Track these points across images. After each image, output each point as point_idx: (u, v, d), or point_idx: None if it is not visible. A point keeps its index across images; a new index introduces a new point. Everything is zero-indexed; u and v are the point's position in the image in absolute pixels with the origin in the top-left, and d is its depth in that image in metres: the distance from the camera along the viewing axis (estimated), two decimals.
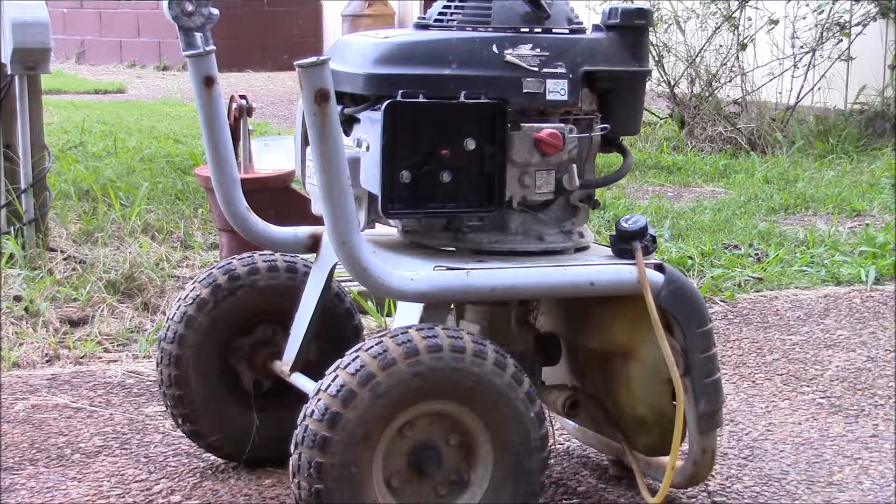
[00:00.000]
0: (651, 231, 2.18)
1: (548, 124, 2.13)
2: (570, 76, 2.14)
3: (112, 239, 4.30)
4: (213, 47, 2.22)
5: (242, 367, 2.43)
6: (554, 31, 2.17)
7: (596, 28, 2.22)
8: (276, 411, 2.43)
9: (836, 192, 5.49)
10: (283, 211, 3.22)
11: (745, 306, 3.75)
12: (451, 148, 2.07)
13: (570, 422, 2.50)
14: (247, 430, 2.42)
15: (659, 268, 2.17)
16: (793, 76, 7.02)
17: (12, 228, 4.07)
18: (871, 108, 7.00)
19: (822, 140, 6.76)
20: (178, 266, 4.10)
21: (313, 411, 1.91)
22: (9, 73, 4.03)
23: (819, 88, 7.03)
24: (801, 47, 7.00)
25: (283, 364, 2.35)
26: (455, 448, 2.02)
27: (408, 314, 2.09)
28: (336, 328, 2.46)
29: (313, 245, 2.39)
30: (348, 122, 2.18)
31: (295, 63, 1.90)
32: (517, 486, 2.02)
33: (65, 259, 3.96)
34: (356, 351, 1.95)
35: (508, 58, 2.11)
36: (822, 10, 6.89)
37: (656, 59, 7.09)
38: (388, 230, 2.28)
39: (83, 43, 13.05)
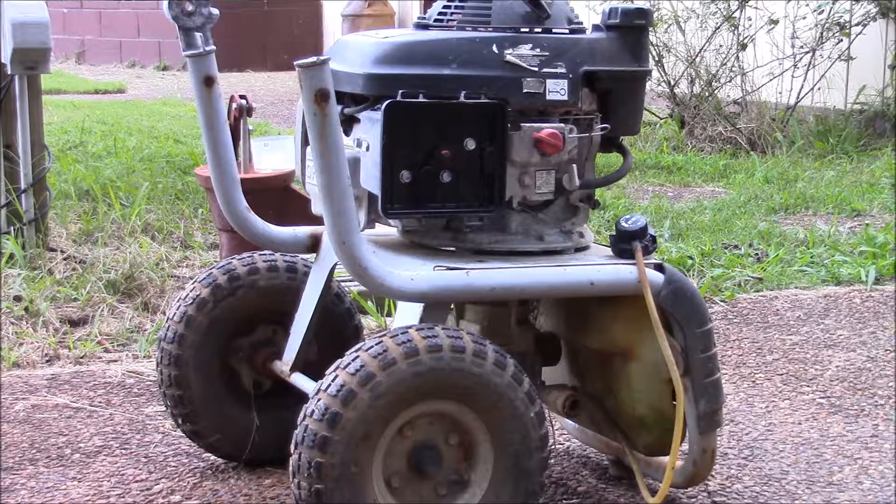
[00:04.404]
0: (651, 231, 2.18)
1: (548, 124, 2.13)
2: (570, 76, 2.14)
3: (112, 239, 4.30)
4: (213, 47, 2.21)
5: (242, 367, 2.43)
6: (554, 31, 2.17)
7: (596, 28, 2.22)
8: (276, 411, 2.42)
9: (836, 192, 5.49)
10: (283, 211, 3.22)
11: (745, 306, 3.75)
12: (451, 148, 2.07)
13: (570, 422, 2.50)
14: (247, 430, 2.42)
15: (659, 268, 2.17)
16: (793, 76, 7.02)
17: (12, 228, 4.07)
18: (871, 108, 7.00)
19: (822, 140, 6.76)
20: (178, 266, 4.10)
21: (313, 411, 1.91)
22: (9, 73, 4.03)
23: (819, 88, 7.03)
24: (801, 47, 7.00)
25: (283, 364, 2.35)
26: (455, 448, 2.02)
27: (408, 314, 2.09)
28: (336, 328, 2.45)
29: (313, 245, 2.39)
30: (348, 122, 2.18)
31: (295, 63, 1.90)
32: (517, 486, 2.01)
33: (65, 259, 3.96)
34: (356, 351, 1.95)
35: (508, 58, 2.11)
36: (822, 10, 6.89)
37: (656, 59, 7.09)
38: (388, 230, 2.28)
39: (83, 43, 13.05)
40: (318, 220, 2.17)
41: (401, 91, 2.05)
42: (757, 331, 3.51)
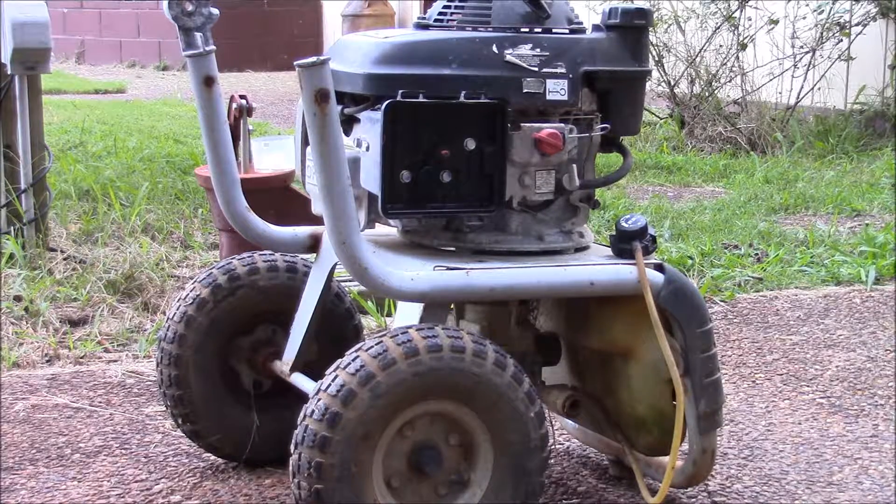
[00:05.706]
0: (651, 231, 2.18)
1: (548, 124, 2.13)
2: (570, 76, 2.14)
3: (112, 239, 4.30)
4: (213, 47, 2.22)
5: (242, 367, 2.43)
6: (554, 31, 2.17)
7: (596, 28, 2.22)
8: (276, 411, 2.42)
9: (836, 192, 5.49)
10: (283, 211, 3.22)
11: (745, 306, 3.75)
12: (451, 148, 2.07)
13: (570, 422, 2.50)
14: (247, 430, 2.42)
15: (659, 268, 2.17)
16: (793, 76, 7.02)
17: (12, 228, 4.07)
18: (871, 108, 7.00)
19: (822, 140, 6.76)
20: (178, 266, 4.10)
21: (313, 411, 1.91)
22: (9, 73, 4.03)
23: (819, 88, 7.03)
24: (801, 47, 7.00)
25: (283, 364, 2.35)
26: (455, 448, 2.02)
27: (408, 314, 2.09)
28: (336, 328, 2.45)
29: (313, 245, 2.39)
30: (348, 122, 2.18)
31: (295, 63, 1.90)
32: (517, 486, 2.02)
33: (65, 259, 3.96)
34: (356, 351, 1.95)
35: (508, 58, 2.11)
36: (822, 10, 6.89)
37: (656, 59, 7.09)
38: (388, 230, 2.28)
39: (83, 43, 13.05)
40: (318, 220, 2.17)
41: (401, 91, 2.05)
42: (757, 331, 3.51)
